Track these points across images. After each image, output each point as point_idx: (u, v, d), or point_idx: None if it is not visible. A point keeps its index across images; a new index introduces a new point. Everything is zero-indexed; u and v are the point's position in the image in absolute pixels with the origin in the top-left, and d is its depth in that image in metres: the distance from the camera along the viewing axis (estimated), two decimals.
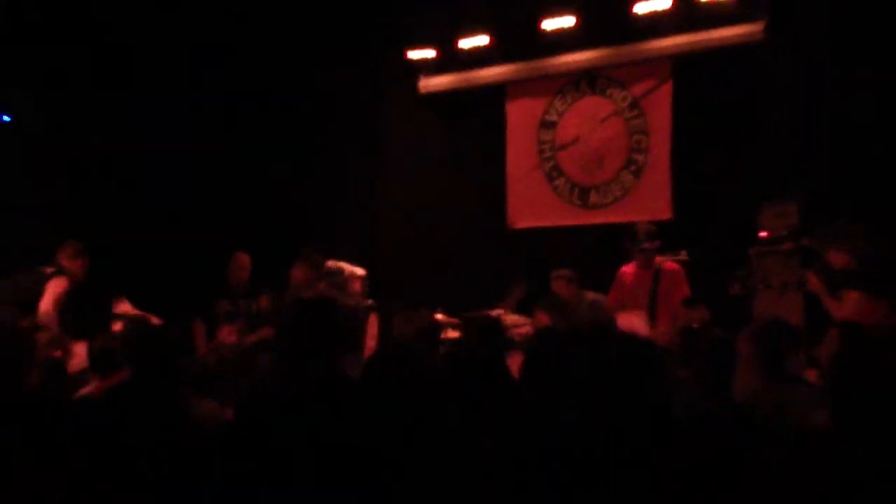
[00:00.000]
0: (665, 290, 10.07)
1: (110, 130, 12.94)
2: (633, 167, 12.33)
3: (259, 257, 10.86)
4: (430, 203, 13.58)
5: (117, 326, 9.40)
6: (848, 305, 8.00)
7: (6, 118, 12.96)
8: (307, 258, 10.51)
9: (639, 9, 11.66)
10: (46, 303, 9.65)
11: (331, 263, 10.90)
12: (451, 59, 13.30)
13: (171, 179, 13.07)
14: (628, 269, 10.33)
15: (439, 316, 10.72)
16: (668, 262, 10.19)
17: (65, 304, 9.74)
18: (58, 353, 7.66)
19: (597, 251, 11.61)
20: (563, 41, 12.46)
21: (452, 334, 10.36)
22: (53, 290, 9.76)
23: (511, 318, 9.97)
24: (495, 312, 10.26)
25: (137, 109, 12.96)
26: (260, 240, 11.26)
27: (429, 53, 13.33)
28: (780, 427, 5.28)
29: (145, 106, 12.98)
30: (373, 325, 10.74)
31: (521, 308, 9.98)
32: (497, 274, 12.21)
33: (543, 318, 8.07)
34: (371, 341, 10.50)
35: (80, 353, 7.78)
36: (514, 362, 6.44)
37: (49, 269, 9.93)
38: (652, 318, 9.96)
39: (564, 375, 3.50)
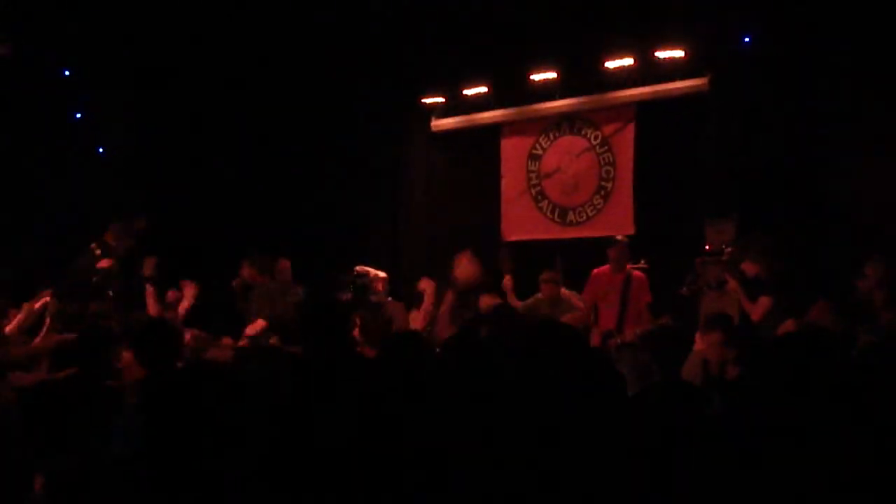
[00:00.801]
0: (634, 293, 10.37)
1: (185, 161, 13.28)
2: (602, 192, 12.60)
3: (304, 262, 11.16)
4: (440, 219, 13.94)
5: None
6: (760, 307, 8.34)
7: (100, 150, 13.27)
8: (254, 261, 10.74)
9: (608, 65, 11.95)
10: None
11: (359, 268, 11.13)
12: (457, 104, 13.65)
13: (237, 204, 13.49)
14: (601, 271, 10.70)
15: None
16: (636, 271, 10.57)
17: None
18: None
19: (573, 259, 11.83)
20: (547, 90, 12.78)
21: None
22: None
23: None
24: None
25: (209, 145, 13.31)
26: (305, 249, 11.58)
27: (439, 99, 13.70)
28: None
29: (217, 143, 13.35)
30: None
31: None
32: (493, 276, 12.50)
33: None
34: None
35: None
36: None
37: (97, 250, 10.10)
38: (622, 315, 10.35)
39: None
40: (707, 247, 10.27)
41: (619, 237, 10.76)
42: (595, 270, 10.78)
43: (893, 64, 9.61)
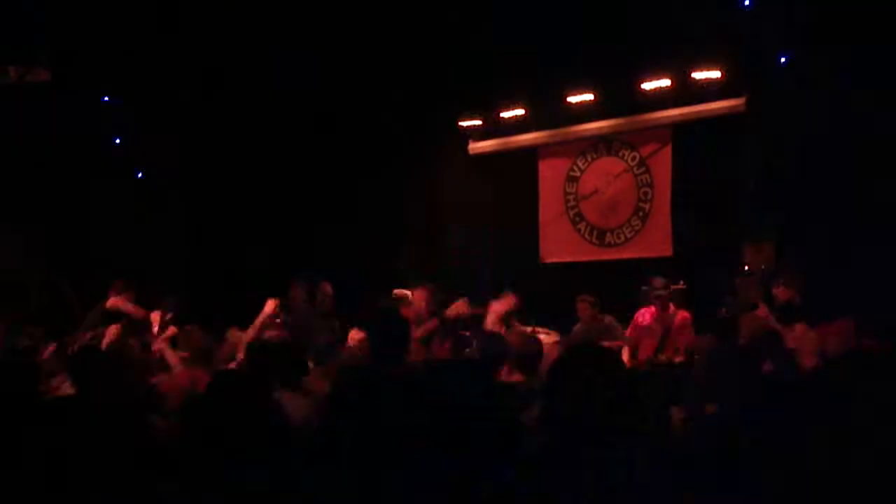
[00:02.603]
0: (675, 332, 10.36)
1: (223, 186, 13.49)
2: (640, 213, 12.69)
3: (341, 284, 11.28)
4: (478, 241, 14.08)
5: None
6: (795, 336, 8.30)
7: (140, 174, 13.50)
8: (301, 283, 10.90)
9: (645, 86, 12.06)
10: None
11: (397, 291, 11.27)
12: (494, 127, 13.82)
13: (274, 226, 13.66)
14: (646, 310, 10.67)
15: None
16: (682, 311, 10.48)
17: None
18: None
19: (610, 281, 11.92)
20: (584, 112, 12.88)
21: None
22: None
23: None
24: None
25: (247, 169, 13.50)
26: (342, 271, 11.70)
27: (476, 122, 13.88)
28: None
29: (255, 167, 13.54)
30: None
31: None
32: (531, 298, 12.60)
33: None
34: None
35: None
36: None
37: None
38: (661, 345, 10.34)
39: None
40: (746, 267, 10.35)
41: (657, 278, 10.72)
42: (639, 310, 10.76)
43: None
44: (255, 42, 12.24)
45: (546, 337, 10.50)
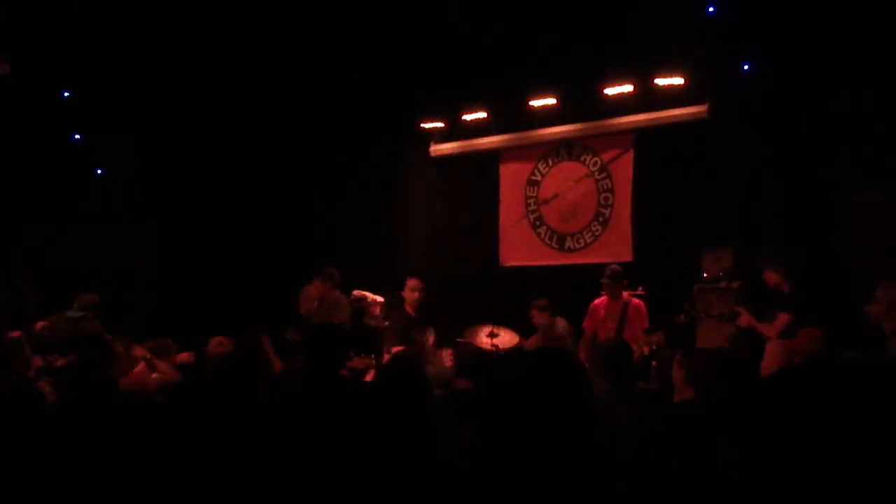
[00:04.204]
0: (631, 320, 10.44)
1: (186, 183, 13.32)
2: (601, 219, 12.57)
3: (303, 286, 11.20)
4: (439, 243, 14.01)
5: None
6: (779, 323, 8.38)
7: (99, 171, 13.31)
8: (323, 274, 10.88)
9: (608, 91, 11.97)
10: None
11: (356, 292, 11.25)
12: (456, 130, 13.70)
13: (236, 227, 13.57)
14: (600, 302, 10.82)
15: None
16: (635, 299, 10.60)
17: None
18: None
19: (570, 285, 11.94)
20: (546, 117, 12.79)
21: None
22: None
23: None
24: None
25: (209, 169, 13.37)
26: (304, 273, 11.57)
27: (439, 125, 13.78)
28: None
29: (217, 168, 13.41)
30: None
31: None
32: (491, 301, 12.56)
33: None
34: None
35: None
36: None
37: None
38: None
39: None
40: (704, 274, 10.32)
41: (611, 265, 10.81)
42: (594, 301, 10.87)
43: (895, 89, 9.63)
44: (219, 40, 12.07)
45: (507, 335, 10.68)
